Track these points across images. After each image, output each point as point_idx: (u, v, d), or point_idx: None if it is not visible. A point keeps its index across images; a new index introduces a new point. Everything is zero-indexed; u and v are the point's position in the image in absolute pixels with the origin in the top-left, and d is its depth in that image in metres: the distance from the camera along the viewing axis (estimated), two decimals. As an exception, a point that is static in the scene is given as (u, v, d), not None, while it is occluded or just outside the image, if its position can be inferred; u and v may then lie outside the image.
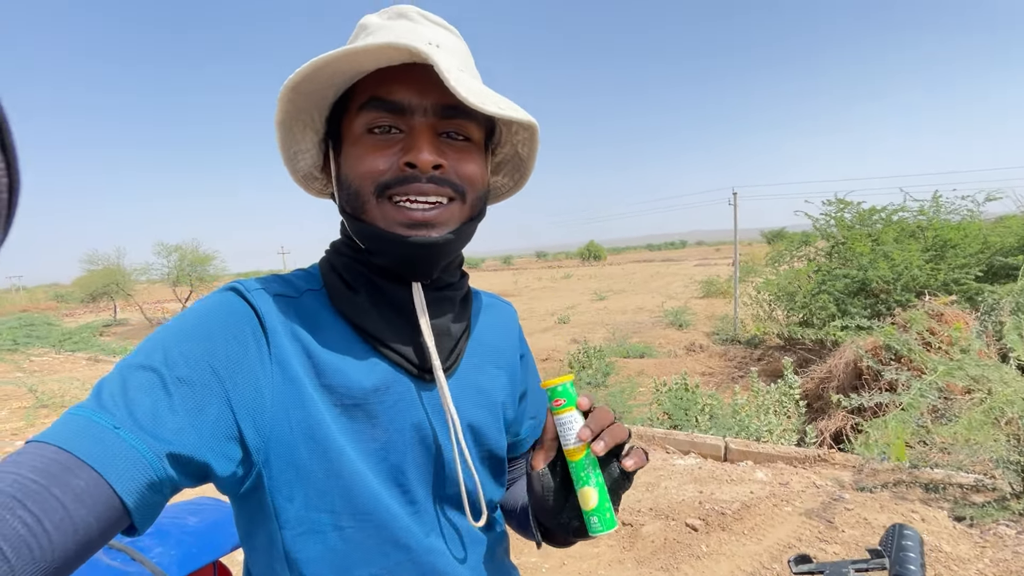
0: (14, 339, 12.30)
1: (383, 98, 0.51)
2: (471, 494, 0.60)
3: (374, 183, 0.52)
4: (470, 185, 0.55)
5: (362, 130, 0.53)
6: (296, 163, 0.59)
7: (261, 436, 0.49)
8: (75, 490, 0.38)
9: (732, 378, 7.25)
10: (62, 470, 0.38)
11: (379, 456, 0.54)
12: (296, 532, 0.50)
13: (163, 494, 0.44)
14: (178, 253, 21.76)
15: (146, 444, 0.42)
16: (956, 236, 6.86)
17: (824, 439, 4.79)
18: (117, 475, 0.40)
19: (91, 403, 0.43)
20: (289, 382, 0.50)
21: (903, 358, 4.46)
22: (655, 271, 39.42)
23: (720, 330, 10.70)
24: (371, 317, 0.55)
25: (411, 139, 0.52)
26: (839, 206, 7.93)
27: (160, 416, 0.43)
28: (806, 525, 2.76)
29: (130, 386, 0.44)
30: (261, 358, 0.50)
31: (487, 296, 0.74)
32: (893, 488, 3.08)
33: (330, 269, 0.58)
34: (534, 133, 0.58)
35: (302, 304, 0.55)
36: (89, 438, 0.40)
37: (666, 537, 2.75)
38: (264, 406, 0.49)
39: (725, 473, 3.50)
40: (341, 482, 0.51)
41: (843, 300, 6.97)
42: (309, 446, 0.50)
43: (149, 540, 0.93)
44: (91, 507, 0.38)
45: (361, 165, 0.52)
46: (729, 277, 14.63)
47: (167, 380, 0.45)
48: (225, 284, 0.56)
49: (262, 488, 0.50)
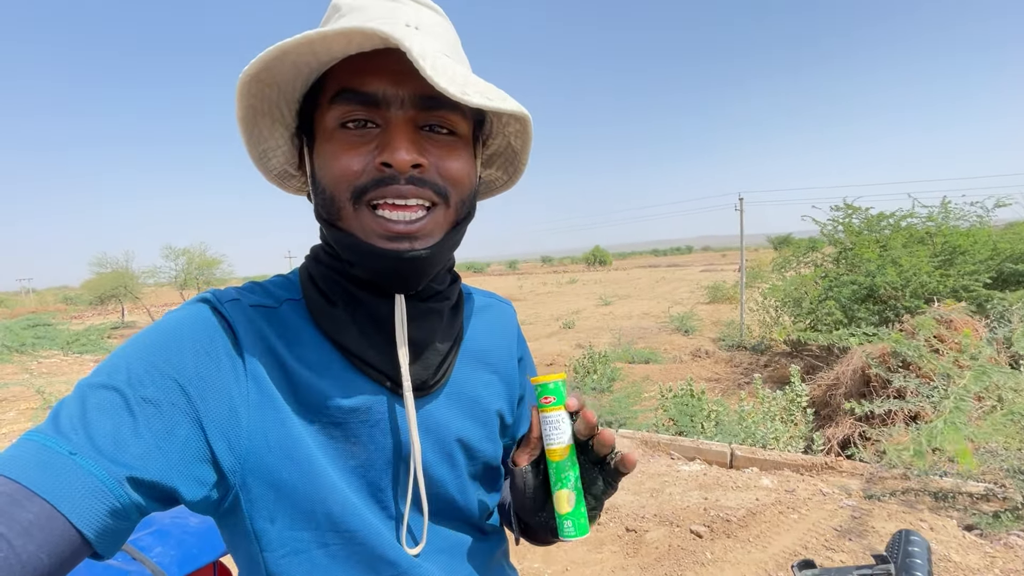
0: (22, 341, 12.42)
1: (355, 89, 0.46)
2: (457, 507, 0.58)
3: (350, 187, 0.47)
4: (454, 185, 0.50)
5: (334, 125, 0.48)
6: (267, 162, 0.55)
7: (237, 457, 0.46)
8: (22, 523, 0.35)
9: (738, 384, 7.20)
10: (8, 502, 0.35)
11: (358, 473, 0.51)
12: (279, 554, 0.48)
13: (129, 520, 0.41)
14: (186, 256, 21.95)
15: (105, 470, 0.39)
16: (965, 242, 6.80)
17: (831, 447, 4.74)
18: (72, 505, 0.37)
19: (47, 427, 0.40)
20: (266, 399, 0.48)
21: (911, 365, 4.41)
22: (661, 276, 39.32)
23: (726, 336, 10.64)
24: (350, 333, 0.52)
25: (387, 135, 0.47)
26: (847, 212, 7.88)
27: (122, 440, 0.40)
28: (812, 533, 2.72)
29: (90, 407, 0.41)
30: (236, 374, 0.47)
31: (482, 296, 0.70)
32: (901, 496, 3.03)
33: (308, 279, 0.55)
34: (526, 125, 0.54)
35: (280, 315, 0.52)
36: (41, 466, 0.37)
37: (670, 544, 2.72)
38: (239, 425, 0.46)
39: (731, 480, 3.46)
40: (322, 500, 0.48)
41: (850, 306, 6.91)
42: (288, 465, 0.47)
43: (150, 539, 0.93)
44: (41, 542, 0.35)
45: (335, 165, 0.47)
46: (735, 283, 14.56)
47: (131, 401, 0.42)
48: (197, 295, 0.52)
49: (240, 510, 0.48)
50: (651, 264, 77.79)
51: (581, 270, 73.88)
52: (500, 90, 0.48)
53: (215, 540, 0.99)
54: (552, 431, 0.52)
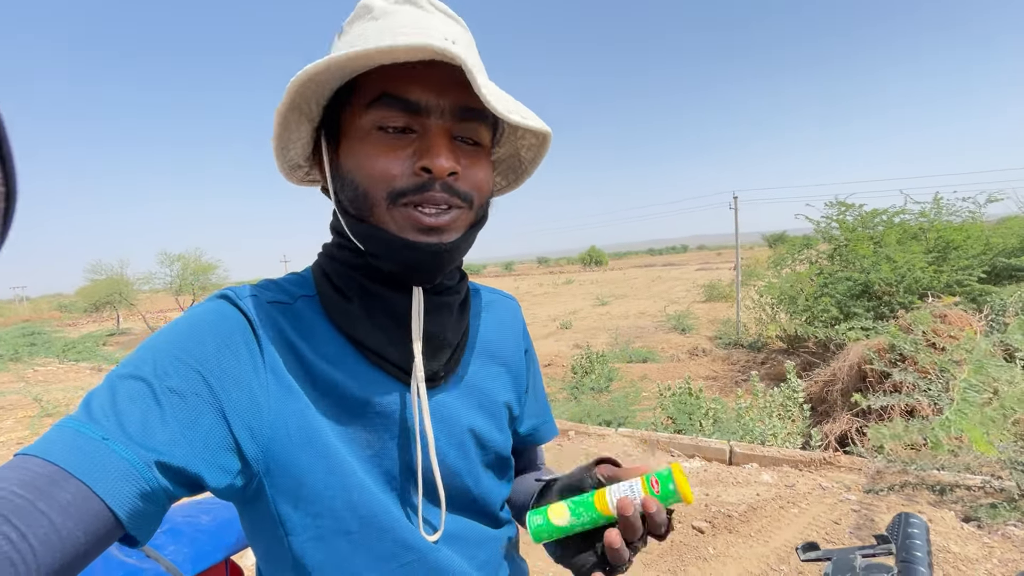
0: (16, 349, 12.33)
1: (400, 96, 0.48)
2: (472, 497, 0.60)
3: (387, 188, 0.49)
4: (478, 192, 0.53)
5: (371, 127, 0.49)
6: (287, 153, 0.56)
7: (259, 445, 0.48)
8: (62, 503, 0.37)
9: (736, 382, 7.23)
10: (48, 483, 0.37)
11: (374, 462, 0.53)
12: (303, 538, 0.50)
13: (159, 504, 0.43)
14: (181, 262, 21.84)
15: (135, 454, 0.41)
16: (958, 238, 6.87)
17: (829, 442, 4.78)
18: (106, 486, 0.39)
19: (80, 415, 0.43)
20: (285, 390, 0.50)
21: (907, 359, 4.46)
22: (657, 275, 39.40)
23: (723, 334, 10.68)
24: (364, 326, 0.54)
25: (427, 142, 0.49)
26: (840, 209, 7.94)
27: (150, 427, 0.42)
28: (813, 526, 2.75)
29: (119, 396, 0.43)
30: (255, 366, 0.49)
31: (488, 292, 0.73)
32: (900, 490, 3.06)
33: (322, 275, 0.56)
34: (546, 140, 0.57)
35: (295, 311, 0.54)
36: (77, 450, 0.40)
37: (672, 540, 2.74)
38: (261, 415, 0.48)
39: (731, 476, 3.49)
40: (343, 488, 0.50)
41: (846, 303, 6.96)
42: (308, 453, 0.49)
43: (163, 538, 0.94)
44: (79, 520, 0.37)
45: (373, 166, 0.49)
46: (731, 281, 14.62)
47: (157, 391, 0.44)
48: (217, 291, 0.54)
49: (264, 496, 0.50)
50: (647, 263, 77.98)
51: (577, 270, 73.97)
52: (526, 108, 0.51)
53: (227, 538, 1.00)
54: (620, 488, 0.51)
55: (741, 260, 12.18)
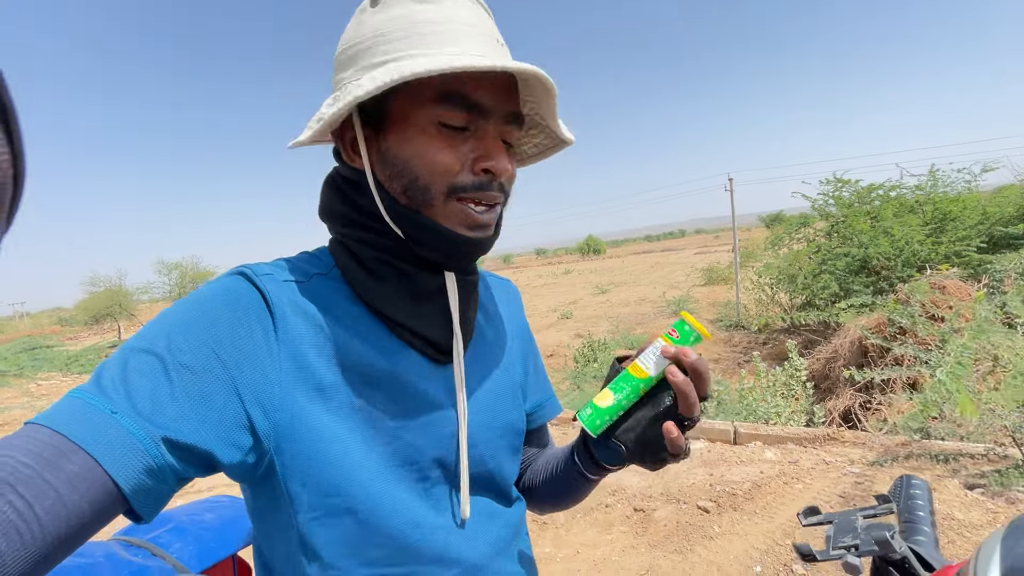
0: (19, 365, 12.34)
1: (467, 96, 0.50)
2: (488, 472, 0.61)
3: (448, 182, 0.51)
4: (510, 187, 0.58)
5: (432, 121, 0.51)
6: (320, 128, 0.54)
7: (271, 422, 0.48)
8: (68, 474, 0.37)
9: (738, 363, 7.26)
10: (56, 454, 0.38)
11: (393, 435, 0.53)
12: (311, 516, 0.50)
13: (165, 482, 0.43)
14: (178, 271, 21.79)
15: (142, 429, 0.41)
16: (955, 209, 6.85)
17: (833, 418, 4.80)
18: (112, 460, 0.39)
19: (90, 386, 0.43)
20: (298, 368, 0.50)
21: (908, 332, 4.46)
22: (655, 261, 39.41)
23: (724, 316, 10.70)
24: (393, 303, 0.55)
25: (485, 143, 0.52)
26: (836, 185, 7.92)
27: (160, 402, 0.43)
28: (817, 500, 2.77)
29: (130, 370, 0.43)
30: (268, 344, 0.49)
31: (488, 275, 0.75)
32: (904, 461, 3.08)
33: (348, 255, 0.56)
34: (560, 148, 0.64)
35: (311, 288, 0.55)
36: (85, 422, 0.40)
37: (678, 520, 2.76)
38: (272, 392, 0.49)
39: (734, 455, 3.50)
40: (354, 466, 0.51)
41: (845, 279, 6.96)
42: (319, 430, 0.50)
43: (169, 536, 0.94)
44: (84, 492, 0.38)
45: (435, 159, 0.51)
46: (730, 264, 14.61)
47: (169, 366, 0.44)
48: (233, 267, 0.54)
49: (275, 474, 0.50)
50: (645, 250, 77.94)
51: (576, 260, 73.93)
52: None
53: (232, 535, 1.00)
54: (649, 354, 0.54)
55: (739, 242, 12.17)
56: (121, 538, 0.90)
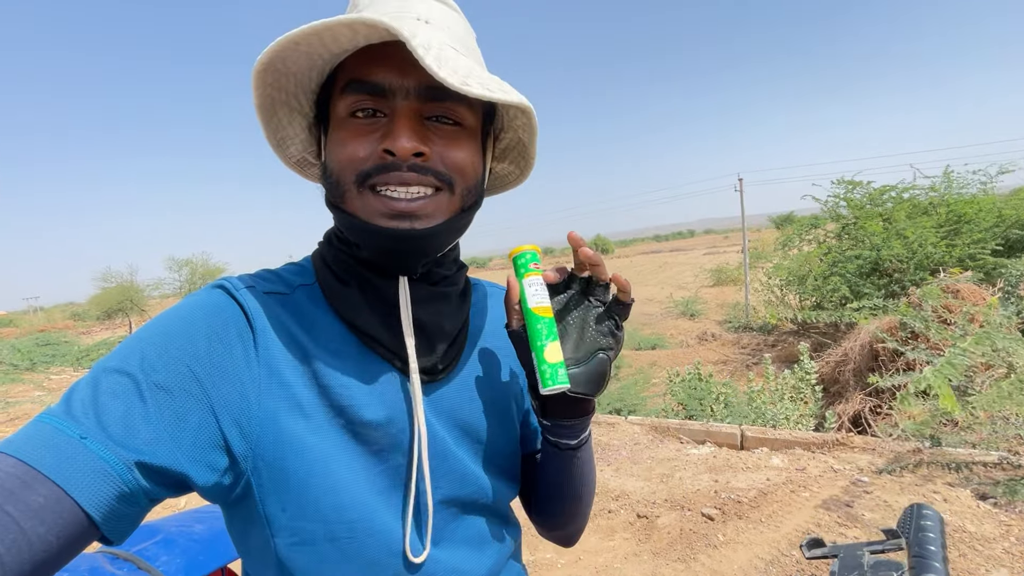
0: (32, 359, 12.52)
1: (363, 79, 0.48)
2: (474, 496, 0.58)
3: (355, 171, 0.48)
4: (459, 174, 0.51)
5: (345, 114, 0.49)
6: (286, 149, 0.56)
7: (248, 442, 0.46)
8: (32, 507, 0.36)
9: (746, 365, 7.19)
10: (20, 485, 0.36)
11: (374, 459, 0.51)
12: (289, 541, 0.48)
13: (138, 505, 0.42)
14: (189, 267, 22.02)
15: (114, 454, 0.39)
16: (970, 211, 6.72)
17: (842, 423, 4.73)
18: (81, 488, 0.38)
19: (59, 409, 0.41)
20: (277, 385, 0.48)
21: (920, 336, 4.38)
22: (663, 262, 39.22)
23: (732, 318, 10.61)
24: (362, 314, 0.52)
25: (391, 124, 0.48)
26: (848, 187, 7.80)
27: (132, 425, 0.41)
28: (824, 509, 2.72)
29: (102, 391, 0.42)
30: (247, 360, 0.47)
31: (489, 285, 0.71)
32: (914, 469, 3.02)
33: (322, 263, 0.56)
34: (531, 117, 0.54)
35: (294, 301, 0.53)
36: (52, 449, 0.38)
37: (682, 528, 2.72)
38: (250, 411, 0.46)
39: (740, 461, 3.46)
40: (331, 489, 0.48)
41: (855, 282, 6.86)
42: (297, 452, 0.47)
43: (156, 548, 0.93)
44: (51, 524, 0.36)
45: (342, 152, 0.49)
46: (739, 264, 14.49)
47: (143, 386, 0.42)
48: (213, 281, 0.53)
49: (251, 496, 0.48)
50: (653, 250, 77.55)
51: (583, 260, 73.50)
52: (504, 83, 0.49)
53: (220, 548, 0.99)
54: (532, 294, 0.55)
55: (748, 243, 12.06)
56: (107, 550, 0.88)
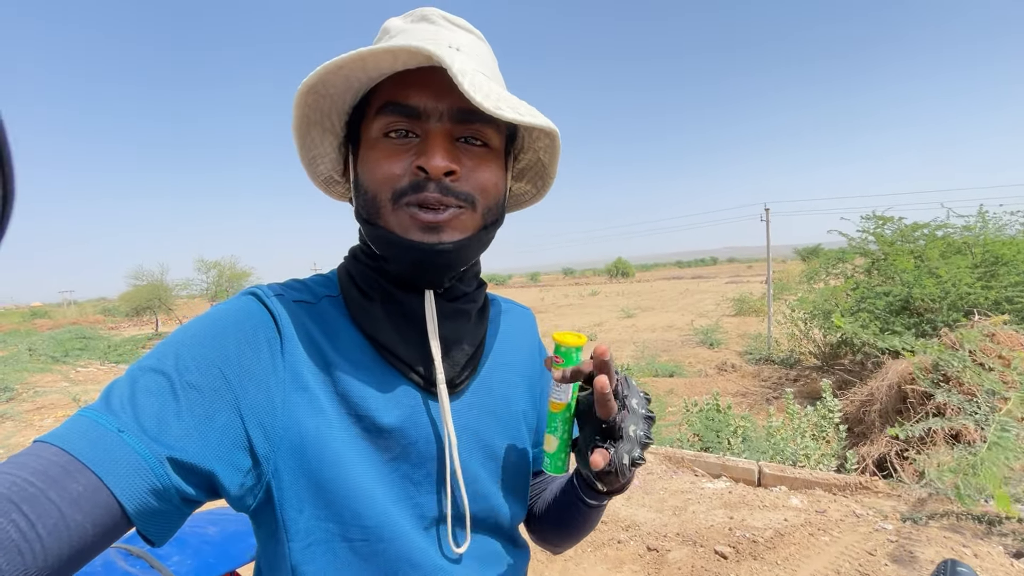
0: (66, 351, 12.96)
1: (399, 102, 0.51)
2: (487, 513, 0.58)
3: (391, 189, 0.51)
4: (482, 193, 0.53)
5: (378, 134, 0.52)
6: (316, 167, 0.59)
7: (271, 445, 0.48)
8: (72, 494, 0.37)
9: (766, 399, 7.00)
10: (61, 473, 0.38)
11: (390, 468, 0.52)
12: (303, 544, 0.49)
13: (172, 503, 0.43)
14: (216, 269, 22.65)
15: (148, 448, 0.41)
16: (1008, 252, 6.48)
17: (866, 465, 4.54)
18: (117, 479, 0.39)
19: (99, 405, 0.43)
20: (300, 390, 0.50)
21: (952, 379, 4.21)
22: (685, 288, 38.74)
23: (753, 349, 10.37)
24: (383, 328, 0.54)
25: (425, 144, 0.51)
26: (878, 222, 7.63)
27: (165, 421, 0.43)
28: (845, 557, 2.60)
29: (138, 389, 0.44)
30: (274, 364, 0.50)
31: (505, 302, 0.73)
32: (943, 520, 2.87)
33: (347, 276, 0.58)
34: (555, 139, 0.57)
35: (320, 310, 0.55)
36: (92, 441, 0.40)
37: (693, 565, 2.63)
38: (275, 414, 0.48)
39: (757, 498, 3.34)
40: (349, 493, 0.49)
41: (885, 319, 6.65)
42: (318, 455, 0.49)
43: (168, 548, 0.94)
44: (88, 512, 0.38)
45: (378, 170, 0.51)
46: (762, 295, 14.22)
47: (176, 385, 0.44)
48: (245, 288, 0.56)
49: (272, 501, 0.49)
50: (675, 276, 76.74)
51: (603, 282, 73.39)
52: (531, 107, 0.51)
53: (233, 551, 1.00)
54: (555, 387, 0.56)
55: (773, 274, 11.85)
56: (121, 546, 0.90)
